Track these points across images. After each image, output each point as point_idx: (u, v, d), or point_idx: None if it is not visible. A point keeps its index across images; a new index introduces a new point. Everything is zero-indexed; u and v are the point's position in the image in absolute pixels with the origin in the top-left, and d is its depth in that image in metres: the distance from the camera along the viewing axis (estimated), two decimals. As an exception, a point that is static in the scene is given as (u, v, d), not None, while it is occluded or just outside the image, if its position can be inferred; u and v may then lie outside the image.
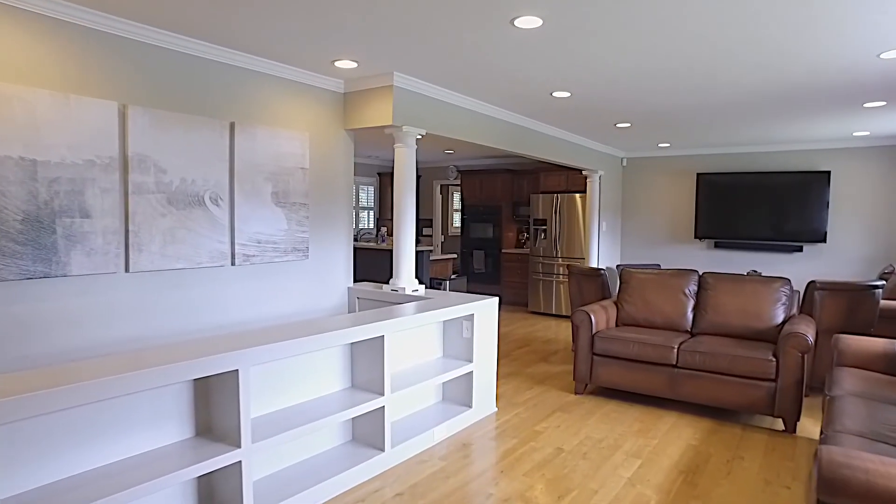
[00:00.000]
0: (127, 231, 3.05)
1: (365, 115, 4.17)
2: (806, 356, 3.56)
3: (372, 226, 10.18)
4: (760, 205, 7.19)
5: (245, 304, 3.70)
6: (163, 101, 3.21)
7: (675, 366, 3.98)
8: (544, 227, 8.06)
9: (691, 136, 6.62)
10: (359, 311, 4.39)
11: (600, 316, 4.44)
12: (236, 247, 3.59)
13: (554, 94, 4.47)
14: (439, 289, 7.10)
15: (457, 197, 10.68)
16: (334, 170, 4.29)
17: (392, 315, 3.16)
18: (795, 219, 6.98)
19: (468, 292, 9.31)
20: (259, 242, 3.73)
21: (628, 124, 5.84)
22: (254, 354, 2.33)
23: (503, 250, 8.89)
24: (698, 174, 7.62)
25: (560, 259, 7.91)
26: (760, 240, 7.23)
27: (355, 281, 7.07)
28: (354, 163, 9.92)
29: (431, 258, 7.09)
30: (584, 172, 7.47)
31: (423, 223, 10.59)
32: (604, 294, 5.27)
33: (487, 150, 8.72)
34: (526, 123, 5.62)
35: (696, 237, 7.66)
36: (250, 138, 3.63)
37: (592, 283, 5.35)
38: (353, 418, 3.15)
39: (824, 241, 6.84)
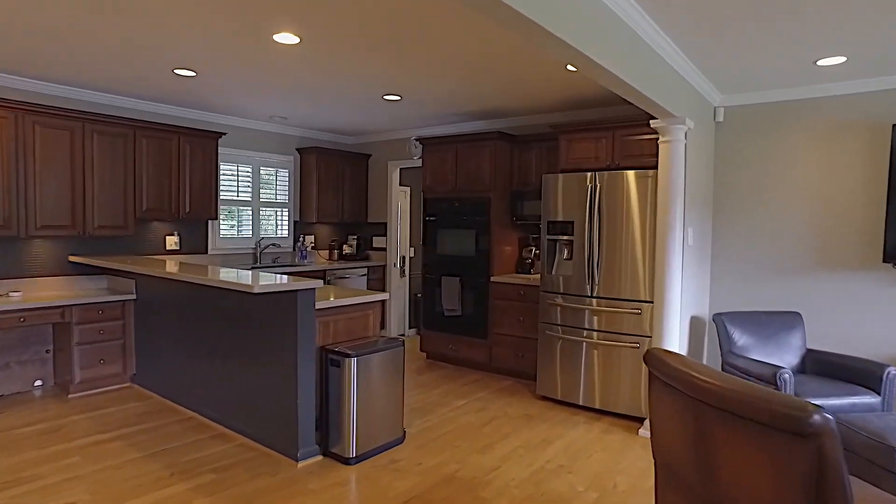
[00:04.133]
0: None
1: None
2: None
3: (286, 233, 6.36)
4: None
5: None
6: None
7: None
8: (568, 238, 4.18)
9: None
10: None
11: None
12: None
13: None
14: (338, 369, 3.19)
15: (428, 188, 6.81)
16: None
17: None
18: None
19: (418, 369, 5.38)
20: None
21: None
22: None
23: (493, 278, 5.00)
24: None
25: (596, 299, 4.01)
26: None
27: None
28: (254, 129, 4.32)
29: (332, 305, 3.21)
30: (652, 125, 3.58)
31: (373, 229, 6.74)
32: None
33: (463, 100, 3.91)
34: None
35: (885, 260, 3.70)
36: None
37: (770, 463, 1.42)
38: None
39: None
